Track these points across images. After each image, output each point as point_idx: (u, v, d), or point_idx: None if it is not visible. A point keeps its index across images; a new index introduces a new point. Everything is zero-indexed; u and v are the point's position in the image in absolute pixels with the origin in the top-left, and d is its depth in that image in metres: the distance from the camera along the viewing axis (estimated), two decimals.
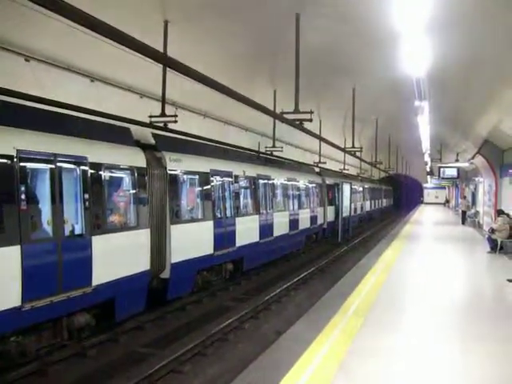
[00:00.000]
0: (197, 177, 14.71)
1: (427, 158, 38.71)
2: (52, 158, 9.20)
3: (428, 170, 43.97)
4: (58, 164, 9.33)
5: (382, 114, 29.30)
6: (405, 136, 37.94)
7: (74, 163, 9.84)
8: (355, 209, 37.62)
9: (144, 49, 6.80)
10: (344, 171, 38.14)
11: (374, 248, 21.32)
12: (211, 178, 15.28)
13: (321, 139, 20.20)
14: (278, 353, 7.19)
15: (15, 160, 8.38)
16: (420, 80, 15.34)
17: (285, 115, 14.30)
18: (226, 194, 16.46)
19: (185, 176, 14.18)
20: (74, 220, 9.83)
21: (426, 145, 32.25)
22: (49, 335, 9.72)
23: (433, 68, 14.35)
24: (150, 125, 13.87)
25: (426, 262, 17.11)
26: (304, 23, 14.02)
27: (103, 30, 6.02)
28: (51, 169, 9.22)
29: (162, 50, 12.37)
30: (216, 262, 15.56)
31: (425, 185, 75.53)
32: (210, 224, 14.94)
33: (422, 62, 12.91)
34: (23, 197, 8.51)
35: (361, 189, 42.13)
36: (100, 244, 10.13)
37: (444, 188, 70.33)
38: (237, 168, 17.32)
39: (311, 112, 14.42)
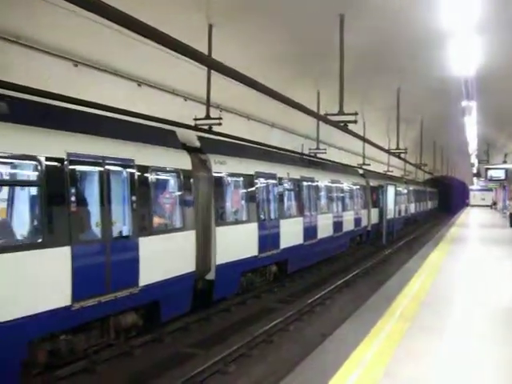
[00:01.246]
0: (241, 179, 14.78)
1: (474, 160, 37.97)
2: (101, 161, 9.38)
3: (474, 171, 43.10)
4: (107, 167, 9.51)
5: (427, 115, 28.93)
6: (450, 137, 37.36)
7: (122, 166, 10.01)
8: (400, 211, 37.16)
9: (189, 51, 6.87)
10: (388, 173, 37.76)
11: (420, 251, 21.01)
12: (256, 181, 15.33)
13: (365, 141, 20.03)
14: (324, 355, 7.16)
15: (65, 163, 8.57)
16: (468, 80, 15.08)
17: (329, 117, 14.25)
18: (271, 196, 16.48)
19: (229, 178, 14.26)
20: (122, 222, 9.99)
21: (472, 146, 31.64)
22: (97, 334, 9.89)
23: (482, 67, 14.10)
24: (195, 127, 14.02)
25: (472, 265, 16.77)
26: (348, 24, 13.96)
27: (150, 33, 6.11)
28: (100, 171, 9.40)
29: (206, 54, 12.45)
30: (260, 264, 15.59)
31: (471, 187, 74.14)
32: (255, 226, 14.98)
33: (471, 62, 12.68)
34: (73, 199, 8.69)
35: (405, 191, 41.58)
36: (147, 245, 10.26)
37: (491, 190, 68.78)
38: (281, 170, 17.32)
39: (356, 113, 14.33)
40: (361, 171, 31.08)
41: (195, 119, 14.72)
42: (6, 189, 8.88)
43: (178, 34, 7.08)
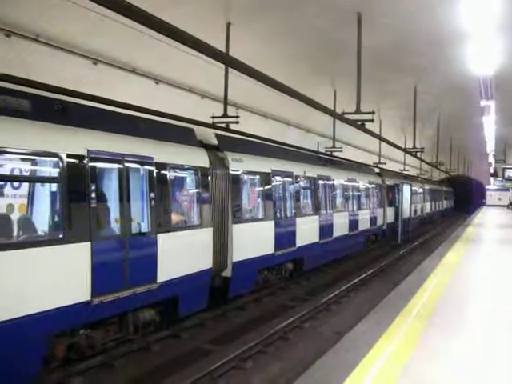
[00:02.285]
0: (258, 177, 14.84)
1: (491, 159, 37.71)
2: (120, 158, 9.48)
3: (491, 171, 42.80)
4: (126, 164, 9.61)
5: (444, 114, 28.80)
6: (467, 136, 37.15)
7: (141, 163, 10.11)
8: (415, 210, 36.99)
9: (207, 49, 6.92)
10: (404, 172, 37.63)
11: (436, 250, 20.93)
12: (272, 178, 15.38)
13: (381, 139, 20.00)
14: (341, 353, 7.20)
15: (86, 160, 8.67)
16: (487, 79, 15.01)
17: (346, 116, 14.26)
18: (287, 194, 16.52)
19: (246, 176, 14.33)
20: (141, 218, 10.09)
21: (490, 146, 31.42)
22: (115, 329, 10.00)
23: (501, 67, 14.03)
24: (213, 125, 14.10)
25: (489, 265, 16.69)
26: (366, 22, 13.97)
27: (168, 31, 6.17)
28: (119, 168, 9.50)
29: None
30: (276, 262, 15.65)
31: (487, 186, 73.55)
32: (271, 224, 15.04)
33: (490, 61, 12.62)
34: (93, 195, 8.79)
35: (421, 190, 41.40)
36: (165, 242, 10.36)
37: (507, 190, 68.21)
38: (297, 168, 17.35)
39: (373, 112, 14.34)
40: (377, 170, 31.01)
41: (213, 117, 14.81)
42: (27, 185, 9.03)
43: (196, 33, 7.14)
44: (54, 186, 8.55)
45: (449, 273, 14.04)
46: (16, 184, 9.36)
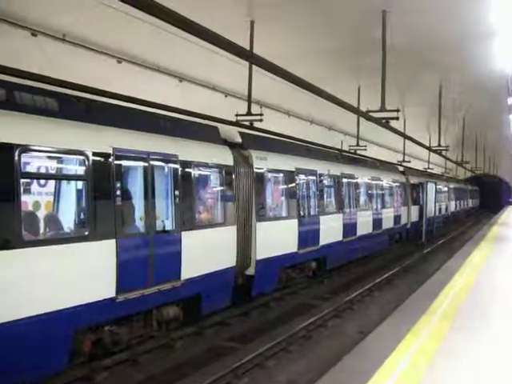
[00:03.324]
0: (282, 175, 14.81)
1: None
2: (145, 156, 9.53)
3: None
4: (151, 162, 9.66)
5: (469, 112, 28.48)
6: (494, 134, 36.70)
7: (166, 161, 10.15)
8: (440, 209, 36.63)
9: (231, 46, 6.94)
10: (428, 170, 37.29)
11: (461, 249, 20.72)
12: (296, 177, 15.34)
13: (406, 138, 19.85)
14: (366, 351, 7.17)
15: (112, 158, 8.74)
16: None
17: (370, 113, 14.18)
18: (311, 192, 16.47)
19: (270, 174, 14.31)
20: (165, 216, 10.12)
21: None
22: (139, 326, 10.06)
23: None
24: (237, 123, 14.13)
25: None
26: (391, 20, 13.87)
27: (193, 29, 6.20)
28: (144, 166, 9.55)
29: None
30: (299, 260, 15.62)
31: None
32: (295, 222, 15.01)
33: None
34: (118, 193, 8.85)
35: (446, 189, 40.97)
36: (189, 240, 10.39)
37: None
38: (321, 166, 17.29)
39: (397, 110, 14.23)
40: (401, 168, 30.78)
41: (237, 115, 14.84)
42: (54, 183, 9.13)
43: (219, 31, 7.16)
44: (80, 184, 8.63)
45: (474, 272, 13.89)
46: (42, 182, 9.50)
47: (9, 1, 10.99)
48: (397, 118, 14.20)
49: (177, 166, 10.33)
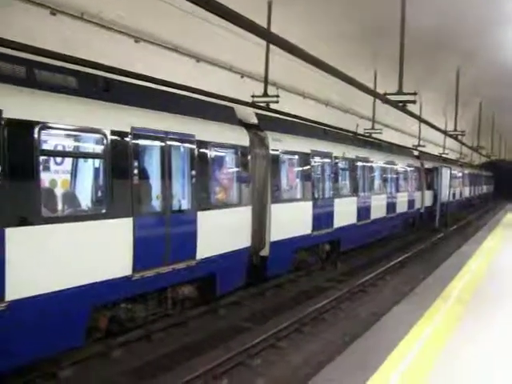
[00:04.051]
0: (297, 157, 14.78)
1: None
2: (163, 136, 9.56)
3: None
4: (168, 141, 9.68)
5: (486, 97, 28.21)
6: (511, 120, 36.32)
7: (183, 141, 10.16)
8: (454, 194, 36.43)
9: (249, 25, 6.86)
10: (443, 155, 37.05)
11: (475, 235, 20.65)
12: (311, 159, 15.31)
13: (422, 121, 19.70)
14: (380, 333, 7.20)
15: (129, 137, 8.77)
16: None
17: (387, 96, 14.06)
18: (326, 174, 16.44)
19: (286, 156, 14.29)
20: (182, 195, 10.17)
21: None
22: (154, 304, 10.16)
23: None
24: (253, 104, 14.08)
25: None
26: (410, 2, 13.71)
27: (212, 7, 6.13)
28: (162, 146, 9.58)
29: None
30: (313, 242, 15.64)
31: None
32: (309, 204, 15.01)
33: None
34: (136, 172, 8.89)
35: (460, 174, 40.71)
36: (205, 219, 10.43)
37: None
38: (336, 149, 17.23)
39: (415, 93, 14.09)
40: (416, 152, 30.60)
41: (253, 96, 14.80)
42: (72, 160, 9.19)
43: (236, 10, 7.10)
44: (98, 162, 8.69)
45: (488, 258, 13.84)
46: (61, 159, 9.55)
47: None
48: (414, 102, 14.06)
49: (193, 145, 10.35)
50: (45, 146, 7.81)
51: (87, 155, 9.14)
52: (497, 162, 60.43)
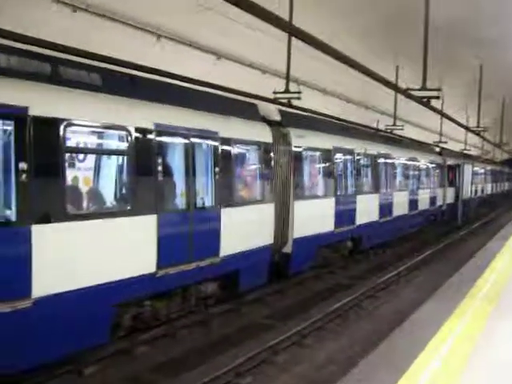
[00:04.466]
0: (320, 154, 14.68)
1: None
2: (186, 132, 9.52)
3: None
4: (192, 138, 9.64)
5: (510, 92, 27.82)
6: None
7: (207, 138, 10.12)
8: (476, 191, 36.04)
9: (269, 17, 6.74)
10: (465, 151, 36.63)
11: (499, 232, 20.36)
12: (333, 155, 15.19)
13: (446, 117, 19.44)
14: (409, 332, 7.09)
15: (153, 133, 8.74)
16: None
17: (411, 92, 13.88)
18: (348, 171, 16.32)
19: (309, 152, 14.18)
20: (205, 192, 10.12)
21: None
22: (178, 301, 10.13)
23: None
24: (275, 101, 13.98)
25: None
26: None
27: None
28: (185, 143, 9.54)
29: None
30: (336, 239, 15.52)
31: None
32: (332, 201, 14.91)
33: None
34: (159, 169, 8.87)
35: (482, 170, 40.25)
36: (228, 216, 10.39)
37: None
38: (358, 145, 17.09)
39: (439, 89, 13.90)
40: (437, 149, 30.28)
41: (274, 92, 14.69)
42: (96, 157, 9.16)
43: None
44: (122, 159, 8.66)
45: None
46: (84, 157, 9.53)
47: None
48: (438, 97, 13.86)
49: (217, 143, 10.30)
50: (70, 143, 7.80)
51: (112, 152, 9.10)
52: None
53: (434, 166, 26.96)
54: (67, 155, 7.68)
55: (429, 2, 13.39)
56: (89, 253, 7.61)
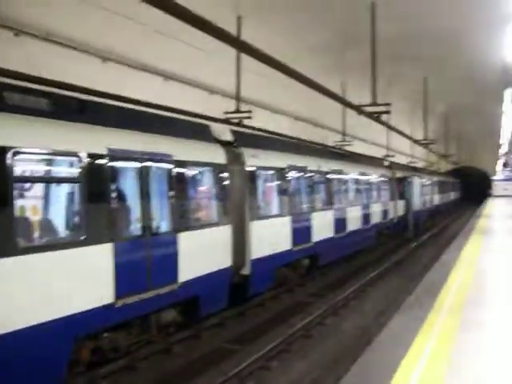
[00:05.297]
0: (274, 172, 14.58)
1: (503, 150, 37.49)
2: (140, 157, 9.24)
3: (503, 161, 42.56)
4: (146, 162, 9.36)
5: (454, 105, 28.56)
6: (478, 127, 36.85)
7: (161, 161, 9.85)
8: (424, 202, 36.74)
9: (218, 33, 6.60)
10: (412, 164, 37.37)
11: (452, 243, 20.61)
12: (288, 174, 15.12)
13: (396, 132, 19.74)
14: (379, 353, 6.94)
15: (106, 159, 8.43)
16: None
17: (362, 108, 14.01)
18: (302, 189, 16.28)
19: (263, 172, 14.05)
20: (161, 217, 9.82)
21: (506, 135, 31.06)
22: (138, 331, 9.77)
23: None
24: (226, 121, 13.87)
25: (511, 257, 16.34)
26: (379, 13, 13.75)
27: (182, 14, 5.84)
28: (139, 167, 9.25)
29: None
30: (294, 258, 15.39)
31: (493, 177, 73.38)
32: (288, 220, 14.80)
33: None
34: (114, 195, 8.56)
35: (429, 182, 41.12)
36: (186, 241, 10.12)
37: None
38: (311, 163, 17.09)
39: (389, 104, 14.13)
40: (386, 163, 30.76)
41: (226, 113, 14.59)
42: (47, 186, 8.74)
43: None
44: (75, 187, 8.30)
45: (471, 267, 13.74)
46: (34, 185, 9.10)
47: None
48: (388, 112, 14.08)
49: (171, 166, 10.04)
50: (18, 173, 7.40)
51: (63, 180, 8.66)
52: (462, 168, 61.52)
53: (384, 179, 27.31)
54: (16, 185, 7.28)
55: (374, 20, 13.62)
56: (41, 287, 7.21)
